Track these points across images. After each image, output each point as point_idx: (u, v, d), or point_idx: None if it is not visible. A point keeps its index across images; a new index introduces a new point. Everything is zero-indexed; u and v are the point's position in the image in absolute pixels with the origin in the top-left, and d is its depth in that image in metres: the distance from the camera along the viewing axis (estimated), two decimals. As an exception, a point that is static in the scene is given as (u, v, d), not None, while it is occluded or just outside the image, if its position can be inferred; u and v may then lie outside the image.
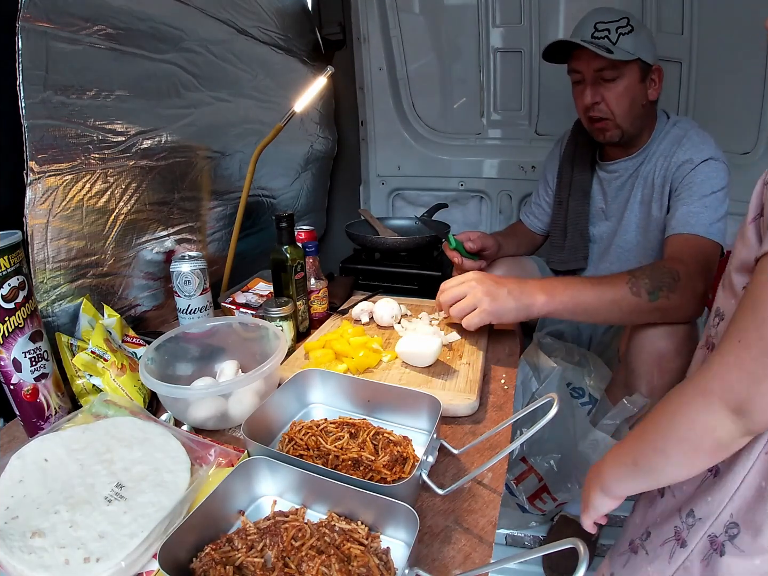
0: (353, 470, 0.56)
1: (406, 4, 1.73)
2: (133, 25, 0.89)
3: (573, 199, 1.22)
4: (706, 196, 0.94)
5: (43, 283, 0.79)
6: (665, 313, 0.86)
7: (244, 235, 1.28)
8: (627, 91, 1.01)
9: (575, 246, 1.23)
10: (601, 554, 1.14)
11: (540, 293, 0.85)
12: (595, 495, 0.60)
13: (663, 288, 0.84)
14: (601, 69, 0.99)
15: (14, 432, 0.71)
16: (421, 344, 0.82)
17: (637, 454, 0.55)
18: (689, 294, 0.85)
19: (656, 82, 1.04)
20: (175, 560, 0.44)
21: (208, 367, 0.80)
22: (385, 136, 1.92)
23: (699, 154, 0.97)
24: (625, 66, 0.99)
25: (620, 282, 0.85)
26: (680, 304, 0.85)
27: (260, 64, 1.34)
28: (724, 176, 0.95)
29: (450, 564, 0.49)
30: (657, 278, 0.85)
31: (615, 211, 1.17)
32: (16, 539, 0.46)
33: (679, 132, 1.04)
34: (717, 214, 0.93)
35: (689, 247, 0.92)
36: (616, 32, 0.98)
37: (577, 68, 1.03)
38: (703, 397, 0.46)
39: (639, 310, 0.85)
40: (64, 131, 0.78)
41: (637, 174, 1.10)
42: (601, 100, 1.03)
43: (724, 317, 0.57)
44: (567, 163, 1.24)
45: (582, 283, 0.87)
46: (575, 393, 1.20)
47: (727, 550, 0.51)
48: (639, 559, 0.63)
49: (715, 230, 0.93)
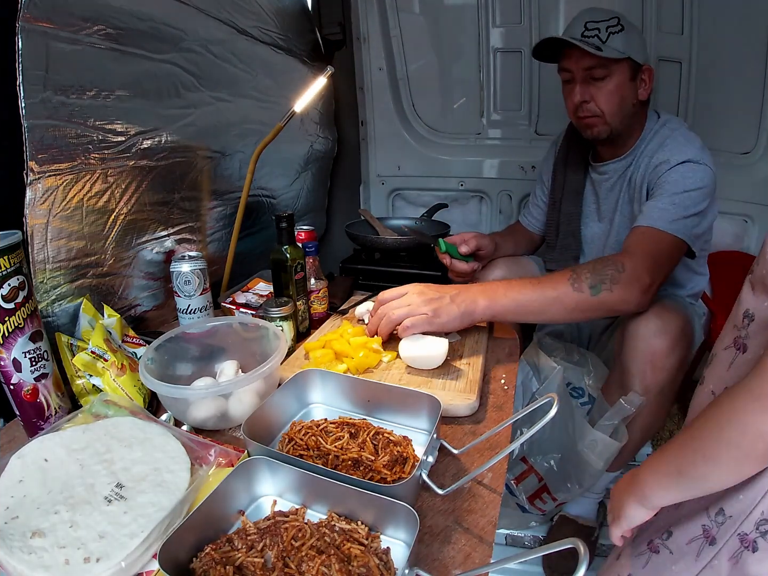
0: (353, 470, 0.56)
1: (406, 4, 1.73)
2: (133, 25, 0.89)
3: (566, 199, 1.22)
4: (677, 194, 0.93)
5: (43, 283, 0.79)
6: (611, 307, 0.86)
7: (244, 235, 1.28)
8: (617, 89, 1.01)
9: (566, 245, 1.23)
10: (601, 554, 1.14)
11: (481, 298, 0.85)
12: (631, 506, 0.59)
13: (605, 281, 0.84)
14: (591, 67, 0.99)
15: (14, 432, 0.71)
16: (427, 347, 0.80)
17: (681, 463, 0.53)
18: (634, 287, 0.85)
19: (646, 82, 1.04)
20: (175, 560, 0.44)
21: (208, 367, 0.80)
22: (385, 136, 1.92)
23: (677, 156, 0.96)
24: (615, 64, 0.99)
25: (562, 279, 0.85)
26: (624, 297, 0.85)
27: (260, 64, 1.34)
28: (703, 177, 0.94)
29: (450, 564, 0.49)
30: (599, 272, 0.85)
31: (606, 213, 1.17)
32: (16, 539, 0.46)
33: (666, 132, 1.03)
34: (686, 211, 0.92)
35: (645, 240, 0.91)
36: (606, 31, 0.98)
37: (567, 67, 1.03)
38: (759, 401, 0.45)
39: (583, 307, 0.85)
40: (64, 131, 0.78)
41: (626, 175, 1.10)
42: (590, 99, 1.02)
43: (754, 318, 0.56)
44: (561, 163, 1.24)
45: (523, 284, 0.86)
46: (574, 393, 1.20)
47: (760, 546, 0.51)
48: (662, 559, 0.62)
49: (679, 226, 0.91)
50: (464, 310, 0.84)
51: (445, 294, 0.85)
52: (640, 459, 1.47)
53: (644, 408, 0.95)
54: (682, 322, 0.92)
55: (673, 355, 0.91)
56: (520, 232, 1.39)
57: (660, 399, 0.95)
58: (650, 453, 1.50)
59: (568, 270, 0.87)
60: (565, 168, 1.22)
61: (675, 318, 0.92)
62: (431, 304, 0.83)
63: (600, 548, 1.15)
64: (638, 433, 0.99)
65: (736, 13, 1.42)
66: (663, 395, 0.94)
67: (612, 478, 1.11)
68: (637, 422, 0.97)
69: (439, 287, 0.87)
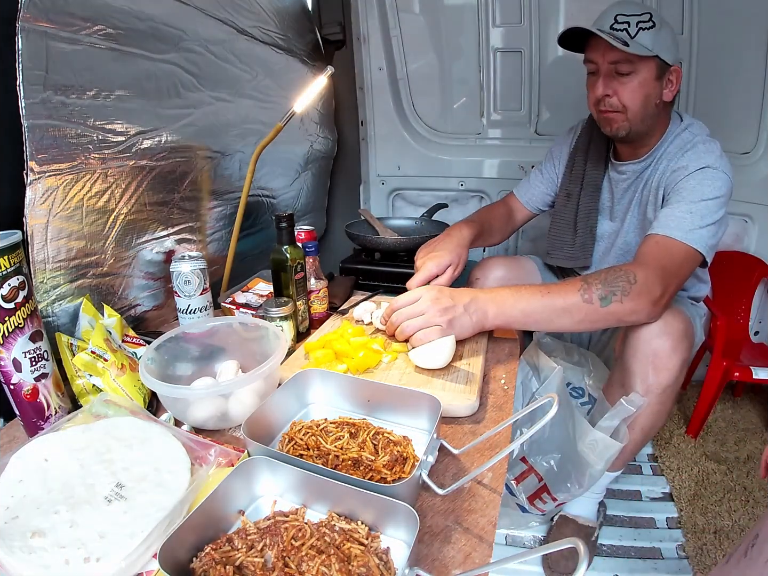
0: (353, 470, 0.56)
1: (406, 4, 1.73)
2: (133, 25, 0.89)
3: (585, 194, 1.19)
4: (695, 202, 0.92)
5: (43, 283, 0.79)
6: (620, 318, 0.86)
7: (244, 235, 1.28)
8: (641, 87, 0.98)
9: (584, 243, 1.21)
10: (601, 554, 1.14)
11: (491, 308, 0.85)
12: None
13: (616, 293, 0.83)
14: (616, 62, 0.97)
15: (14, 432, 0.71)
16: (435, 346, 0.80)
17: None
18: (644, 299, 0.84)
19: (673, 83, 1.01)
20: (175, 560, 0.44)
21: (208, 367, 0.80)
22: (385, 136, 1.93)
23: (696, 162, 0.95)
24: (641, 61, 0.96)
25: (572, 289, 0.85)
26: (634, 309, 0.84)
27: (260, 64, 1.34)
28: (721, 186, 0.92)
29: (450, 564, 0.49)
30: (610, 283, 0.84)
31: (619, 212, 1.16)
32: (16, 539, 0.46)
33: (687, 137, 1.02)
34: (703, 221, 0.90)
35: (658, 250, 0.90)
36: (636, 26, 0.95)
37: (593, 58, 1.01)
38: None
39: (592, 317, 0.84)
40: (64, 131, 0.78)
41: (643, 177, 1.09)
42: (613, 93, 1.00)
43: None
44: (580, 155, 1.21)
45: (532, 293, 0.86)
46: (575, 393, 1.20)
47: None
48: None
49: (695, 237, 0.89)
50: (476, 320, 0.84)
51: (458, 303, 0.84)
52: (640, 459, 1.47)
53: (645, 408, 0.95)
54: (683, 324, 0.92)
55: (674, 356, 0.91)
56: (502, 214, 1.32)
57: (661, 399, 0.95)
58: (650, 453, 1.50)
59: (579, 280, 0.86)
60: (585, 161, 1.20)
61: (677, 319, 0.92)
62: (446, 315, 0.83)
63: (600, 548, 1.16)
64: (639, 434, 0.99)
65: (736, 13, 1.43)
66: (664, 396, 0.94)
67: (612, 478, 1.11)
68: (638, 422, 0.97)
69: (453, 292, 0.86)
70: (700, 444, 1.52)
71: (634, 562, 1.13)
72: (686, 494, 1.32)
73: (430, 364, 0.81)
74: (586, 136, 1.21)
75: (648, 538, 1.19)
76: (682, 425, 1.62)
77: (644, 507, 1.30)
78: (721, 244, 1.63)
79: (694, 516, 1.24)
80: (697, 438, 1.55)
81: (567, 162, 1.25)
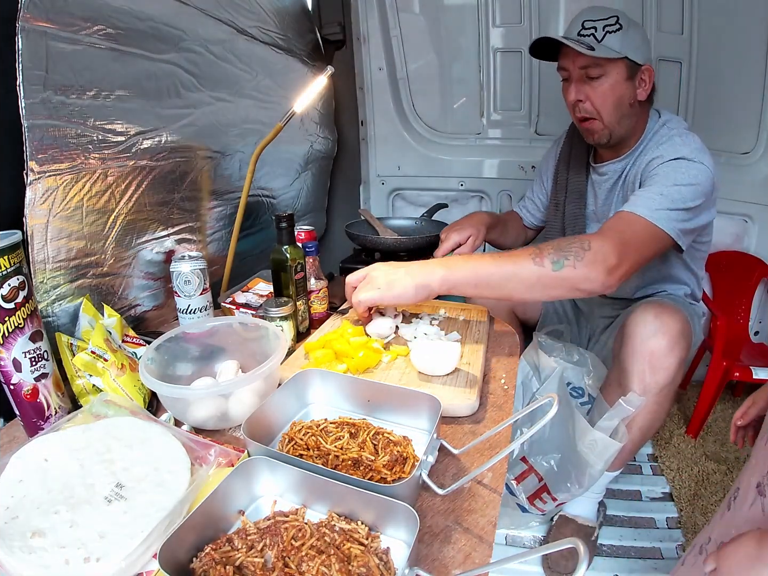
0: (353, 470, 0.56)
1: (406, 4, 1.73)
2: (133, 25, 0.89)
3: (569, 201, 1.22)
4: (667, 186, 0.91)
5: (43, 283, 0.79)
6: (573, 284, 0.83)
7: (244, 235, 1.28)
8: (612, 89, 1.00)
9: None
10: (601, 554, 1.14)
11: (439, 268, 0.84)
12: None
13: (569, 257, 0.82)
14: (586, 66, 0.99)
15: (14, 432, 0.71)
16: (439, 353, 0.78)
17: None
18: (599, 266, 0.82)
19: (646, 82, 1.02)
20: (175, 560, 0.44)
21: (208, 367, 0.80)
22: (385, 136, 1.93)
23: (672, 153, 0.95)
24: (610, 64, 0.98)
25: (524, 254, 0.84)
26: (587, 275, 0.82)
27: (260, 64, 1.34)
28: (697, 174, 0.91)
29: (450, 564, 0.49)
30: (563, 249, 0.83)
31: (604, 214, 1.17)
32: (16, 539, 0.46)
33: (664, 132, 1.03)
34: (673, 204, 0.89)
35: (621, 223, 0.89)
36: (603, 30, 0.97)
37: (564, 65, 1.03)
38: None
39: (544, 281, 0.83)
40: (64, 131, 0.78)
41: (623, 175, 1.10)
42: (585, 98, 1.02)
43: None
44: (563, 164, 1.24)
45: (483, 257, 0.86)
46: (574, 392, 1.20)
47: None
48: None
49: (662, 216, 0.88)
50: (419, 281, 0.83)
51: (401, 268, 0.85)
52: (640, 459, 1.47)
53: (643, 408, 0.95)
54: (680, 323, 0.92)
55: (671, 356, 0.91)
56: (515, 221, 1.41)
57: (659, 399, 0.95)
58: (650, 453, 1.50)
59: (531, 246, 0.86)
60: (568, 169, 1.22)
61: (673, 318, 0.92)
62: (386, 278, 0.85)
63: (600, 548, 1.16)
64: (637, 433, 0.99)
65: (736, 13, 1.43)
66: (662, 395, 0.94)
67: (611, 477, 1.11)
68: (636, 422, 0.97)
69: (401, 263, 0.87)
70: (700, 444, 1.53)
71: (634, 562, 1.13)
72: (686, 494, 1.32)
73: (432, 372, 0.79)
74: (567, 146, 1.24)
75: (648, 538, 1.19)
76: (682, 425, 1.62)
77: (644, 507, 1.30)
78: (721, 244, 1.65)
79: (694, 516, 1.24)
80: (697, 438, 1.55)
81: (553, 174, 1.28)
